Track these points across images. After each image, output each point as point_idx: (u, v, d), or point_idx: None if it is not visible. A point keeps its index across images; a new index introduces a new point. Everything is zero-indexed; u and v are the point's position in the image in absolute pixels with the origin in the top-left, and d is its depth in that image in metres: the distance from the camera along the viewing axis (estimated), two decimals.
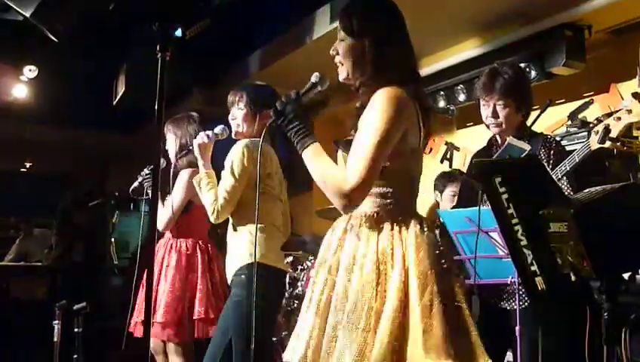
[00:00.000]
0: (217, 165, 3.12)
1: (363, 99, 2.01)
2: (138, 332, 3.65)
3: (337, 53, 2.07)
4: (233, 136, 3.14)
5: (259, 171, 2.32)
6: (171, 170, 3.68)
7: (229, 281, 3.08)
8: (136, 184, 3.76)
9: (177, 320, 3.55)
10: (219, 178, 3.06)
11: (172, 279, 3.61)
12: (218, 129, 3.13)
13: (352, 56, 2.03)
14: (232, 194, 2.94)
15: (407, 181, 2.03)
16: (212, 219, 3.01)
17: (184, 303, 3.58)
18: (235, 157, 2.96)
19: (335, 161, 2.05)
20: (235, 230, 3.05)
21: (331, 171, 1.93)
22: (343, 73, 2.08)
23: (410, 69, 2.06)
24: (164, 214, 3.62)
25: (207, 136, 3.07)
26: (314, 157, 1.95)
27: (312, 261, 4.98)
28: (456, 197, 3.94)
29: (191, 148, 3.28)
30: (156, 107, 1.81)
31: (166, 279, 3.61)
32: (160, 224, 3.65)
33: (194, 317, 3.56)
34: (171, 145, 3.75)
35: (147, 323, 1.75)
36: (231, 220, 3.07)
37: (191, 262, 3.67)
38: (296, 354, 1.96)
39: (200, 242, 3.74)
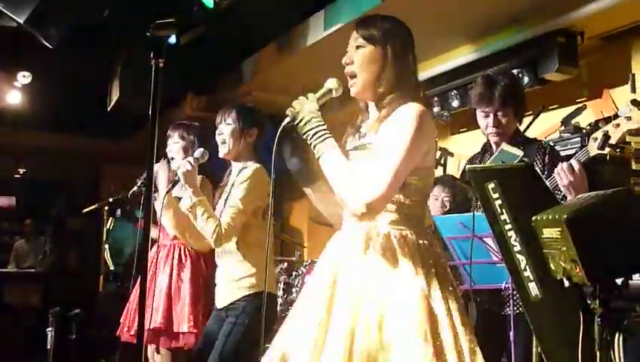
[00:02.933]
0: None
1: (384, 110, 1.97)
2: (128, 337, 3.63)
3: (351, 63, 2.02)
4: (220, 153, 3.12)
5: (272, 193, 2.19)
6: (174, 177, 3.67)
7: (221, 304, 3.05)
8: (135, 188, 3.74)
9: (170, 329, 3.54)
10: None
11: (193, 287, 3.54)
12: (198, 153, 3.12)
13: (372, 63, 1.98)
14: (237, 222, 2.91)
15: (423, 198, 2.04)
16: (214, 245, 2.96)
17: (176, 313, 3.57)
18: (253, 183, 2.94)
19: None
20: (229, 259, 3.02)
21: (350, 175, 1.87)
22: (356, 86, 2.02)
23: (423, 87, 2.08)
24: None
25: (190, 162, 3.04)
26: (332, 160, 1.89)
27: (307, 267, 4.98)
28: (438, 201, 3.92)
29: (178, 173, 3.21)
30: (150, 113, 1.81)
31: (181, 286, 3.57)
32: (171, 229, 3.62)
33: (179, 330, 3.54)
34: (175, 149, 3.69)
35: (140, 327, 1.74)
36: (224, 249, 3.04)
37: (185, 271, 3.66)
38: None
39: (193, 251, 3.74)
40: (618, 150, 2.54)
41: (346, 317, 1.82)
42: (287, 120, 1.94)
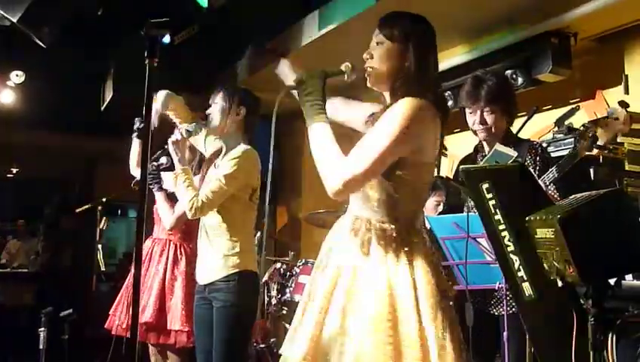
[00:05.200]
0: None
1: (391, 102, 2.00)
2: (119, 330, 3.63)
3: (370, 58, 2.06)
4: (207, 129, 3.18)
5: (268, 177, 2.28)
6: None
7: (204, 280, 3.06)
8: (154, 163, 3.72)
9: (162, 326, 3.55)
10: None
11: (187, 284, 3.58)
12: (191, 125, 3.14)
13: (389, 60, 2.02)
14: (217, 197, 2.93)
15: (415, 194, 2.02)
16: (189, 215, 2.98)
17: (167, 309, 3.58)
18: (239, 161, 2.96)
19: None
20: (212, 236, 3.04)
21: (336, 153, 1.90)
22: (372, 77, 2.06)
23: (439, 86, 2.08)
24: (176, 211, 3.59)
25: (181, 133, 3.09)
26: (322, 134, 1.93)
27: (301, 267, 4.97)
28: (440, 206, 3.95)
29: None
30: (144, 113, 1.80)
31: (175, 283, 3.59)
32: (168, 222, 3.63)
33: (171, 327, 3.56)
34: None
35: (134, 325, 1.74)
36: (209, 225, 3.06)
37: (179, 266, 3.67)
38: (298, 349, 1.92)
39: (188, 247, 3.74)
40: (607, 151, 2.56)
41: (319, 304, 1.93)
42: (291, 85, 2.01)
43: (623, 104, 2.57)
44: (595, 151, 2.58)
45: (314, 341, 1.88)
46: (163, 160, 3.58)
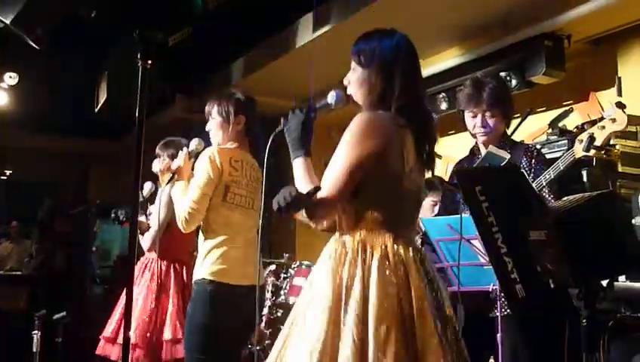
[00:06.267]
0: None
1: None
2: (105, 350, 3.63)
3: (349, 83, 2.13)
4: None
5: (264, 185, 2.23)
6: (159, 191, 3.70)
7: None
8: (140, 199, 3.73)
9: (147, 341, 3.54)
10: None
11: (144, 300, 3.61)
12: (193, 144, 3.12)
13: (360, 85, 2.10)
14: (199, 204, 2.88)
15: (386, 205, 2.01)
16: (181, 228, 2.95)
17: (154, 324, 3.57)
18: (199, 165, 2.93)
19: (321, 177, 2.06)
20: (199, 231, 3.03)
21: (305, 185, 2.00)
22: (356, 102, 2.13)
23: (414, 98, 2.08)
24: (148, 234, 3.65)
25: (182, 158, 3.06)
26: (296, 170, 2.05)
27: (295, 269, 4.97)
28: (436, 207, 3.95)
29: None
30: (137, 115, 1.80)
31: (138, 299, 3.59)
32: (145, 243, 3.70)
33: (163, 339, 3.54)
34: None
35: (126, 340, 1.73)
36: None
37: (164, 283, 3.67)
38: None
39: (176, 264, 3.73)
40: (603, 152, 2.57)
41: (291, 317, 2.02)
42: (278, 128, 2.11)
43: (620, 105, 2.58)
44: (591, 152, 2.59)
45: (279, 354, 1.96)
46: (148, 185, 3.66)
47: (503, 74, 4.48)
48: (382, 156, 1.96)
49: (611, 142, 3.57)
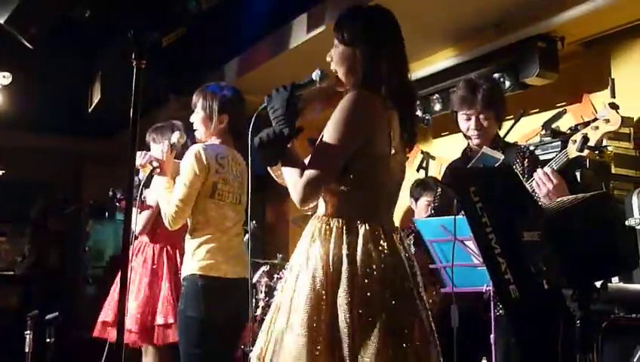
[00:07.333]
0: None
1: None
2: (101, 333, 3.62)
3: (331, 59, 2.11)
4: (197, 141, 3.13)
5: (249, 177, 2.27)
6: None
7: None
8: (136, 182, 3.70)
9: (141, 324, 3.53)
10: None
11: (137, 284, 3.60)
12: (174, 137, 3.12)
13: (343, 62, 2.08)
14: (184, 202, 2.89)
15: (373, 187, 2.03)
16: (167, 225, 2.97)
17: (148, 308, 3.56)
18: (185, 163, 2.92)
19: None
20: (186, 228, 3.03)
21: (292, 167, 1.99)
22: (338, 80, 2.12)
23: (400, 79, 2.08)
24: (140, 218, 3.61)
25: (162, 151, 3.05)
26: (286, 165, 2.02)
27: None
28: (422, 205, 3.97)
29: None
30: (131, 115, 1.80)
31: (131, 283, 3.59)
32: (139, 224, 3.63)
33: (154, 323, 3.54)
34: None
35: (121, 327, 1.73)
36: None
37: (156, 268, 3.65)
38: (254, 352, 2.03)
39: (168, 247, 3.71)
40: (597, 152, 2.58)
41: (276, 302, 2.04)
42: (262, 106, 2.08)
43: (614, 106, 2.60)
44: (585, 152, 2.60)
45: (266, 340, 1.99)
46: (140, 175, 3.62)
47: (496, 75, 4.49)
48: (370, 137, 1.97)
49: (604, 143, 3.59)
